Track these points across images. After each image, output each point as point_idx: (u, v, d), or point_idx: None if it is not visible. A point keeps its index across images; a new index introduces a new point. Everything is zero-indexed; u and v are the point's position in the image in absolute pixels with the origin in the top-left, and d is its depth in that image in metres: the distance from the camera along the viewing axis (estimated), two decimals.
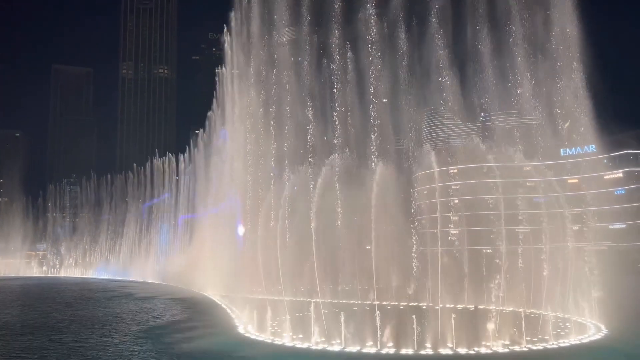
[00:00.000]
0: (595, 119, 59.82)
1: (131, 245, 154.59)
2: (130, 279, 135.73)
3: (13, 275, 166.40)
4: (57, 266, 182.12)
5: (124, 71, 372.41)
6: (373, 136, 61.98)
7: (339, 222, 59.59)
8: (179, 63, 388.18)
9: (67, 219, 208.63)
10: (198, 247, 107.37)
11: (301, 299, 53.10)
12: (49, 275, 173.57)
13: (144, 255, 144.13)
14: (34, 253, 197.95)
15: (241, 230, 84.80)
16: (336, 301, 59.13)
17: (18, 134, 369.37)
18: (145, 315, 58.58)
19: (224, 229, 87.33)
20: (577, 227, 79.81)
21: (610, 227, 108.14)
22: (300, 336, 40.37)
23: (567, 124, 66.45)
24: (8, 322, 54.01)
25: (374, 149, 61.47)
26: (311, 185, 52.92)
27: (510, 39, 60.44)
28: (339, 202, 60.90)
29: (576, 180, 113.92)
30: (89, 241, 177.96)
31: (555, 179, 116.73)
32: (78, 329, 48.22)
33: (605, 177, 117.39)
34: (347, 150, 65.31)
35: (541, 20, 59.45)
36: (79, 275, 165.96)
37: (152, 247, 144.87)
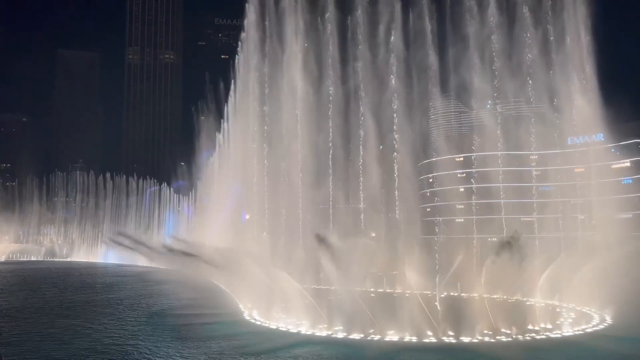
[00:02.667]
0: (604, 107, 59.39)
1: (139, 230, 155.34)
2: (138, 264, 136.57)
3: (23, 259, 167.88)
4: (66, 251, 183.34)
5: (130, 56, 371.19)
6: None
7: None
8: (185, 48, 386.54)
9: (74, 204, 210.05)
10: (203, 233, 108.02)
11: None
12: (56, 259, 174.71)
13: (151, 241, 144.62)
14: (41, 237, 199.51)
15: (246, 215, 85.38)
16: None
17: (25, 119, 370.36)
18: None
19: (228, 215, 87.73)
20: (583, 217, 79.67)
21: (617, 216, 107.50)
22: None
23: (575, 112, 66.03)
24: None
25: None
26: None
27: (521, 27, 59.84)
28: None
29: (583, 169, 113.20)
30: (97, 226, 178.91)
31: (562, 167, 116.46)
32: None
33: (613, 167, 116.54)
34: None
35: (552, 8, 58.79)
36: (86, 260, 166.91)
37: (160, 232, 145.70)
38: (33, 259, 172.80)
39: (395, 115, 64.19)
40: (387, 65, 64.32)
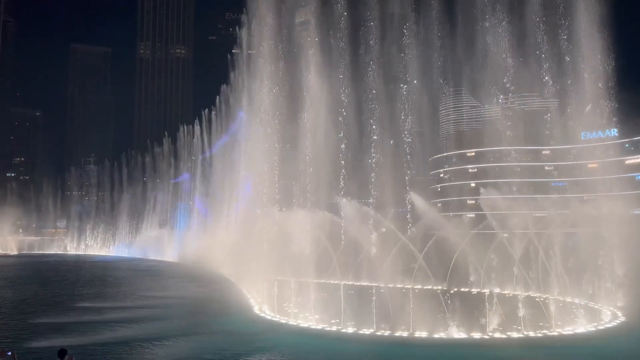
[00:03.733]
0: (618, 102, 58.61)
1: (151, 225, 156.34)
2: (149, 257, 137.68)
3: (35, 252, 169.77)
4: (79, 244, 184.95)
5: (142, 51, 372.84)
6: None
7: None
8: (196, 43, 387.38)
9: (87, 198, 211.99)
10: (215, 228, 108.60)
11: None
12: (68, 253, 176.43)
13: (163, 234, 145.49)
14: (54, 231, 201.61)
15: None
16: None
17: (38, 113, 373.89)
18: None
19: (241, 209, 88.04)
20: (596, 212, 78.76)
21: (630, 212, 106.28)
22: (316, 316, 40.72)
23: (588, 107, 65.23)
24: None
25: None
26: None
27: (535, 20, 59.13)
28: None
29: (596, 165, 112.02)
30: (109, 220, 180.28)
31: (575, 163, 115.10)
32: None
33: (627, 162, 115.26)
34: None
35: (566, 0, 58.01)
36: (97, 254, 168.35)
37: (171, 227, 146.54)
38: (47, 252, 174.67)
39: (406, 108, 63.85)
40: (399, 59, 63.93)
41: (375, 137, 61.12)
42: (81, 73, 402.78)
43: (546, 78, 59.47)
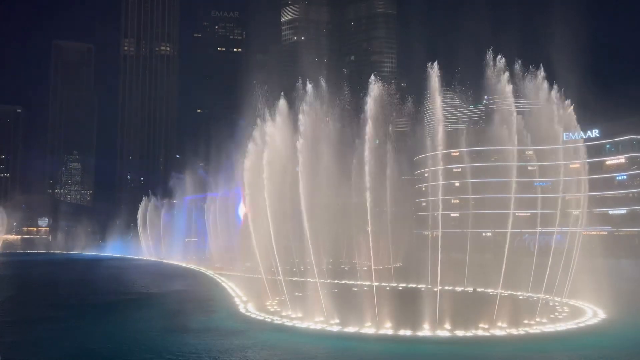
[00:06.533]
0: (599, 103, 59.61)
1: (133, 224, 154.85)
2: (129, 256, 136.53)
3: (13, 251, 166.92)
4: (62, 243, 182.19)
5: (125, 48, 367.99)
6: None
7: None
8: (181, 40, 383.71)
9: (69, 196, 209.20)
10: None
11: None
12: (50, 251, 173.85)
13: (145, 234, 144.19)
14: (35, 229, 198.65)
15: (242, 210, 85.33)
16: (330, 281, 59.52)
17: (19, 110, 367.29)
18: None
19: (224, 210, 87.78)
20: (577, 212, 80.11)
21: (611, 212, 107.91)
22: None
23: (570, 108, 66.30)
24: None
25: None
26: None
27: (516, 21, 59.85)
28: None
29: (577, 165, 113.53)
30: (93, 219, 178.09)
31: (556, 163, 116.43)
32: None
33: (607, 163, 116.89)
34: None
35: (546, 3, 58.82)
36: (82, 252, 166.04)
37: (154, 226, 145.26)
38: (30, 250, 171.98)
39: (391, 109, 64.11)
40: (383, 60, 64.17)
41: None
42: (64, 69, 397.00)
43: (530, 79, 60.32)
